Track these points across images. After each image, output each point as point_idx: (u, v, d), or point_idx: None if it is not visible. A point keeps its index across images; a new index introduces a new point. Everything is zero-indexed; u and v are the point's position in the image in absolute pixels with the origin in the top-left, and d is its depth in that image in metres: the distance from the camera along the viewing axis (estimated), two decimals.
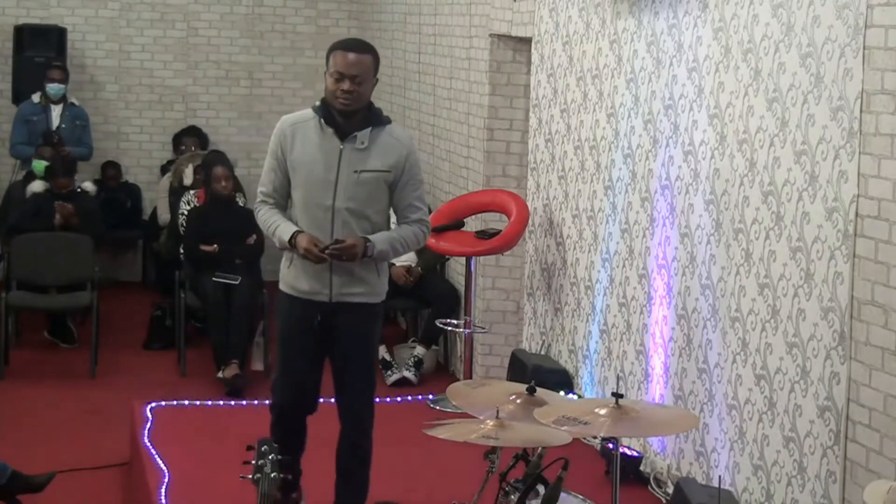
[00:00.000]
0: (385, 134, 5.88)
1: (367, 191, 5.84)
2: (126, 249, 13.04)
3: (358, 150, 5.83)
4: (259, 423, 7.97)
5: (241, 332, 9.49)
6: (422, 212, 5.97)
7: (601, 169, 7.76)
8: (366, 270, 5.88)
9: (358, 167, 5.83)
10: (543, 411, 4.94)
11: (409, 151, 5.91)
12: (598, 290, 7.78)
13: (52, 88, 11.74)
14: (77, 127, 11.88)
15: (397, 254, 5.98)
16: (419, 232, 5.96)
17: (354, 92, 5.78)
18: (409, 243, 5.96)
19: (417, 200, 5.94)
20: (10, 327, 10.08)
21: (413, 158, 5.92)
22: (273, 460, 4.66)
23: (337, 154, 5.83)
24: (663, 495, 6.87)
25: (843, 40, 5.53)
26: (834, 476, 5.61)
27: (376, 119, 5.89)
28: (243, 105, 13.34)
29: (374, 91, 5.91)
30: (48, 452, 8.08)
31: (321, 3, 13.36)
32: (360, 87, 5.80)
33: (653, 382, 7.13)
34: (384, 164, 5.84)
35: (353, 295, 5.89)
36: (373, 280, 5.91)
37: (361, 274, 5.87)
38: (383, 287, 6.00)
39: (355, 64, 5.80)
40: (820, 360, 5.71)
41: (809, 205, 5.78)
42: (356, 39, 6.12)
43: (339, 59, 5.81)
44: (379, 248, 5.82)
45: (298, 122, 5.92)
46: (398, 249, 5.93)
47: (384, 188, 5.87)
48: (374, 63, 5.86)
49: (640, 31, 7.29)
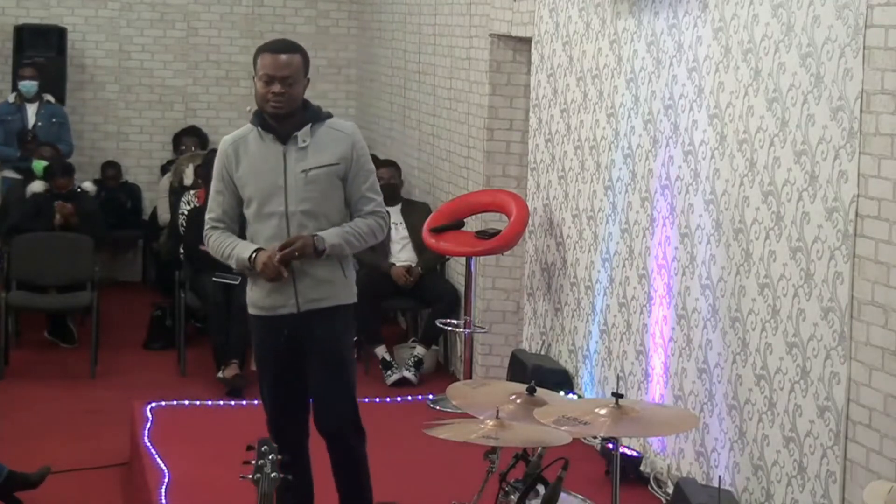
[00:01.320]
0: (326, 128, 5.71)
1: (318, 189, 5.65)
2: (126, 249, 13.04)
3: (301, 150, 5.66)
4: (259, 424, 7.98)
5: (241, 332, 9.46)
6: (374, 202, 5.73)
7: (601, 169, 7.76)
8: (329, 271, 5.68)
9: (304, 166, 5.65)
10: (543, 411, 4.94)
11: (355, 141, 5.72)
12: (598, 290, 7.78)
13: (25, 86, 11.73)
14: (54, 125, 11.86)
15: (354, 248, 5.70)
16: (374, 224, 5.72)
17: (285, 94, 5.62)
18: (363, 236, 5.70)
19: (369, 191, 5.72)
20: (10, 327, 10.09)
21: (360, 147, 5.72)
22: (273, 460, 4.66)
23: (281, 158, 5.66)
24: (663, 495, 6.87)
25: (843, 40, 5.53)
26: (834, 476, 5.61)
27: (313, 115, 5.72)
28: (243, 105, 13.31)
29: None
30: (48, 452, 8.07)
31: (321, 3, 13.37)
32: (291, 89, 5.63)
33: (653, 382, 7.13)
34: (331, 157, 5.66)
35: (322, 300, 5.69)
36: (339, 279, 5.71)
37: (325, 275, 5.67)
38: (352, 286, 5.79)
39: (285, 65, 5.63)
40: (820, 360, 5.71)
41: (809, 205, 5.78)
42: (283, 40, 5.91)
43: (267, 62, 5.64)
44: (329, 241, 5.60)
45: (238, 139, 5.76)
46: (353, 243, 5.67)
47: (337, 183, 5.68)
48: (303, 63, 5.69)
49: (640, 31, 7.29)
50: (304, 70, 5.71)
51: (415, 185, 10.96)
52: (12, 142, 11.64)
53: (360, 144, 5.75)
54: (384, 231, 5.81)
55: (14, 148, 11.61)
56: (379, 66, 12.39)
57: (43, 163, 10.94)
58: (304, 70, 5.71)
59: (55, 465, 7.52)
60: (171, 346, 10.19)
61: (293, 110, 5.67)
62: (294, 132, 5.67)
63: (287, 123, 5.68)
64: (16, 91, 11.83)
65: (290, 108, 5.66)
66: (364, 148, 5.79)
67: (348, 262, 5.79)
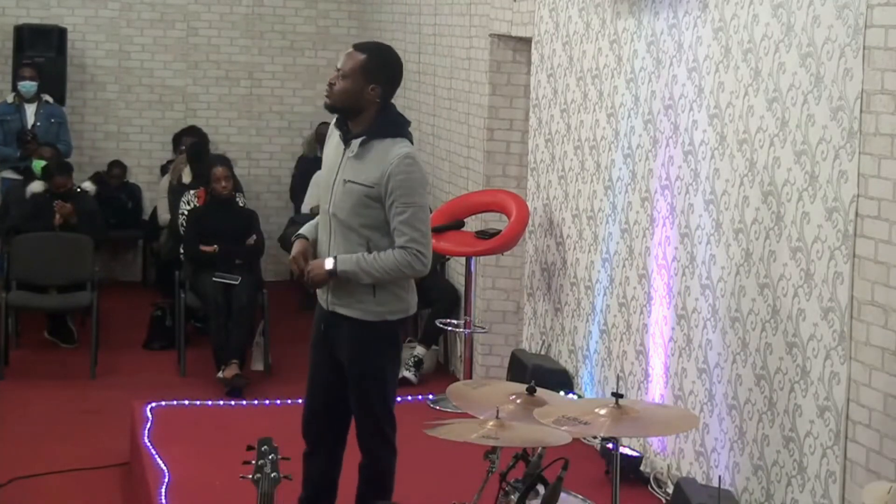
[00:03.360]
0: (381, 147, 5.59)
1: (350, 202, 5.61)
2: (126, 249, 13.04)
3: (351, 158, 5.63)
4: (259, 423, 7.99)
5: (241, 332, 9.50)
6: (406, 237, 5.53)
7: (601, 169, 7.76)
8: (358, 289, 5.63)
9: (346, 176, 5.63)
10: (543, 411, 4.94)
11: (393, 173, 5.52)
12: (598, 290, 7.78)
13: (25, 86, 11.73)
14: (53, 125, 11.86)
15: (373, 278, 5.56)
16: (400, 258, 5.54)
17: (334, 86, 5.61)
18: (386, 269, 5.54)
19: (403, 224, 5.53)
20: (10, 327, 10.08)
21: (398, 179, 5.52)
22: (273, 460, 4.66)
23: (340, 158, 5.67)
24: (663, 495, 6.87)
25: (843, 40, 5.53)
26: (834, 476, 5.61)
27: (376, 128, 5.62)
28: (243, 105, 13.34)
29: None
30: (48, 452, 8.08)
31: (321, 3, 13.37)
32: (342, 83, 5.59)
33: (653, 382, 7.13)
34: (367, 177, 5.57)
35: (342, 307, 5.69)
36: (366, 300, 5.63)
37: (352, 290, 5.64)
38: (382, 308, 5.66)
39: (346, 59, 5.63)
40: (820, 360, 5.71)
41: (809, 205, 5.78)
42: (368, 41, 5.90)
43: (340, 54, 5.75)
44: (341, 268, 5.56)
45: (332, 125, 5.85)
46: (372, 273, 5.54)
47: (369, 203, 5.58)
48: (366, 64, 5.60)
49: (640, 31, 7.29)
50: (366, 72, 5.59)
51: None
52: (11, 142, 11.63)
53: (398, 179, 5.53)
54: (415, 267, 5.57)
55: (13, 148, 11.61)
56: None
57: (42, 162, 10.94)
58: (366, 72, 5.59)
59: (55, 465, 7.52)
60: (171, 346, 10.19)
61: (345, 108, 5.64)
62: (353, 138, 5.63)
63: (355, 126, 5.64)
64: (15, 91, 11.82)
65: (336, 103, 5.63)
66: (404, 181, 5.54)
67: (384, 289, 5.64)
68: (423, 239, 5.59)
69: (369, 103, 5.61)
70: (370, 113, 5.61)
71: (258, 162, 13.40)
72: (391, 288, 5.65)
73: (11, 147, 11.62)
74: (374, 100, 5.61)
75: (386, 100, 5.67)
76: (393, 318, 5.68)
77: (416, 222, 5.57)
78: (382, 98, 5.64)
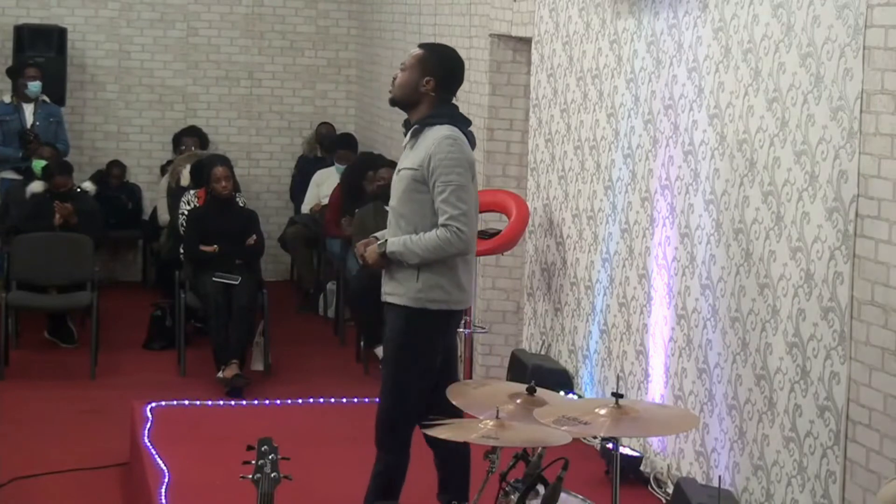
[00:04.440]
0: (429, 134, 5.81)
1: (401, 189, 5.84)
2: (126, 249, 13.04)
3: (407, 149, 5.91)
4: (259, 423, 7.99)
5: (241, 332, 9.49)
6: (447, 215, 5.70)
7: (601, 169, 7.76)
8: (403, 273, 5.81)
9: (400, 165, 5.91)
10: (543, 411, 4.94)
11: (434, 153, 5.73)
12: (598, 290, 7.78)
13: (34, 86, 11.72)
14: (52, 124, 11.86)
15: (417, 257, 5.73)
16: (442, 235, 5.70)
17: (395, 78, 5.91)
18: (429, 248, 5.71)
19: (444, 203, 5.70)
20: (10, 327, 10.08)
21: (437, 160, 5.71)
22: (273, 460, 4.66)
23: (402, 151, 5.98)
24: (663, 495, 6.87)
25: (843, 40, 5.53)
26: (834, 476, 5.61)
27: (428, 118, 5.84)
28: (243, 105, 13.34)
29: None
30: (48, 452, 8.08)
31: (321, 3, 13.37)
32: (402, 75, 5.88)
33: (653, 382, 7.13)
34: (414, 161, 5.81)
35: (388, 294, 5.89)
36: (409, 284, 5.79)
37: (397, 275, 5.83)
38: (423, 295, 5.78)
39: (409, 54, 5.95)
40: (820, 360, 5.71)
41: (809, 205, 5.78)
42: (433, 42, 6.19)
43: None
44: (390, 249, 5.78)
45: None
46: (416, 252, 5.72)
47: (418, 187, 5.77)
48: (425, 58, 5.86)
49: (640, 31, 7.29)
50: (422, 65, 5.86)
51: None
52: (11, 142, 11.63)
53: (439, 156, 5.73)
54: (455, 244, 5.72)
55: (13, 148, 11.60)
56: (379, 66, 12.39)
57: (42, 162, 10.94)
58: (422, 65, 5.86)
59: (55, 465, 7.52)
60: (171, 346, 10.18)
61: (403, 100, 5.91)
62: (409, 130, 5.91)
63: (412, 118, 5.91)
64: (14, 91, 11.81)
65: (395, 95, 5.93)
66: (443, 160, 5.73)
67: (427, 273, 5.78)
68: (464, 217, 5.73)
69: (424, 95, 5.86)
70: (425, 105, 5.87)
71: (258, 162, 13.40)
72: (436, 277, 5.78)
73: (11, 147, 11.62)
74: (428, 92, 5.85)
75: (442, 94, 5.88)
76: (433, 308, 5.80)
77: (456, 200, 5.73)
78: (437, 91, 5.86)
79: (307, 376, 9.72)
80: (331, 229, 11.11)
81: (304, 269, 12.12)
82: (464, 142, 5.81)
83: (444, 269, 5.78)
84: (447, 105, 5.88)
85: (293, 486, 4.78)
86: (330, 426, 8.05)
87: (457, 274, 5.81)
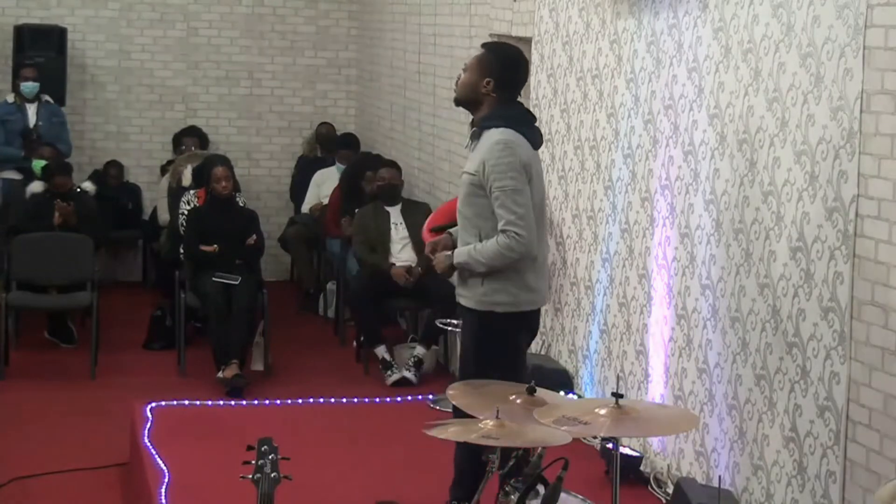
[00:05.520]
0: (486, 136, 5.86)
1: (463, 192, 5.91)
2: (126, 249, 13.04)
3: (470, 151, 5.97)
4: (259, 423, 7.99)
5: (241, 332, 9.49)
6: (504, 220, 5.77)
7: (601, 169, 7.76)
8: (471, 278, 5.90)
9: (464, 168, 5.96)
10: (543, 411, 4.94)
11: (487, 159, 5.78)
12: (598, 290, 7.78)
13: (28, 87, 11.72)
14: (55, 124, 11.87)
15: (483, 265, 5.80)
16: (503, 241, 5.76)
17: (458, 79, 5.97)
18: (490, 255, 5.79)
19: (500, 209, 5.77)
20: (10, 327, 10.08)
21: (490, 166, 5.76)
22: (273, 460, 4.66)
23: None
24: (663, 495, 6.87)
25: (843, 40, 5.53)
26: (834, 476, 5.61)
27: (487, 120, 5.88)
28: (243, 105, 13.34)
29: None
30: (48, 452, 8.08)
31: (321, 3, 13.37)
32: (464, 75, 5.94)
33: (653, 382, 7.13)
34: (472, 165, 5.86)
35: (461, 297, 5.99)
36: (475, 288, 5.88)
37: (466, 279, 5.93)
38: (488, 299, 5.85)
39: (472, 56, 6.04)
40: (820, 360, 5.71)
41: (809, 205, 5.78)
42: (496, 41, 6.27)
43: None
44: (457, 260, 5.90)
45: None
46: (479, 261, 5.80)
47: (477, 192, 5.83)
48: (483, 57, 5.93)
49: (640, 31, 7.29)
50: (482, 65, 5.91)
51: (415, 185, 10.96)
52: (13, 142, 11.63)
53: (491, 163, 5.78)
54: (515, 249, 5.78)
55: (15, 148, 11.61)
56: (379, 66, 12.40)
57: (42, 162, 10.94)
58: (482, 65, 5.91)
59: (55, 465, 7.52)
60: (171, 346, 10.18)
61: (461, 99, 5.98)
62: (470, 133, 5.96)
63: (475, 119, 5.95)
64: (14, 91, 11.81)
65: (458, 95, 6.00)
66: (495, 166, 5.77)
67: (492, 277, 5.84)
68: (520, 221, 5.78)
69: (485, 96, 5.91)
70: (487, 106, 5.91)
71: (258, 162, 13.41)
72: (501, 280, 5.85)
73: (14, 147, 11.62)
74: (489, 93, 5.90)
75: (503, 94, 5.90)
76: (500, 311, 5.86)
77: (511, 204, 5.78)
78: (498, 92, 5.89)
79: (307, 376, 9.72)
80: (331, 229, 11.11)
81: (304, 269, 12.12)
82: (517, 144, 5.83)
83: (510, 273, 5.84)
84: (508, 105, 5.91)
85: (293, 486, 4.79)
86: (330, 426, 8.05)
87: (522, 276, 5.86)
